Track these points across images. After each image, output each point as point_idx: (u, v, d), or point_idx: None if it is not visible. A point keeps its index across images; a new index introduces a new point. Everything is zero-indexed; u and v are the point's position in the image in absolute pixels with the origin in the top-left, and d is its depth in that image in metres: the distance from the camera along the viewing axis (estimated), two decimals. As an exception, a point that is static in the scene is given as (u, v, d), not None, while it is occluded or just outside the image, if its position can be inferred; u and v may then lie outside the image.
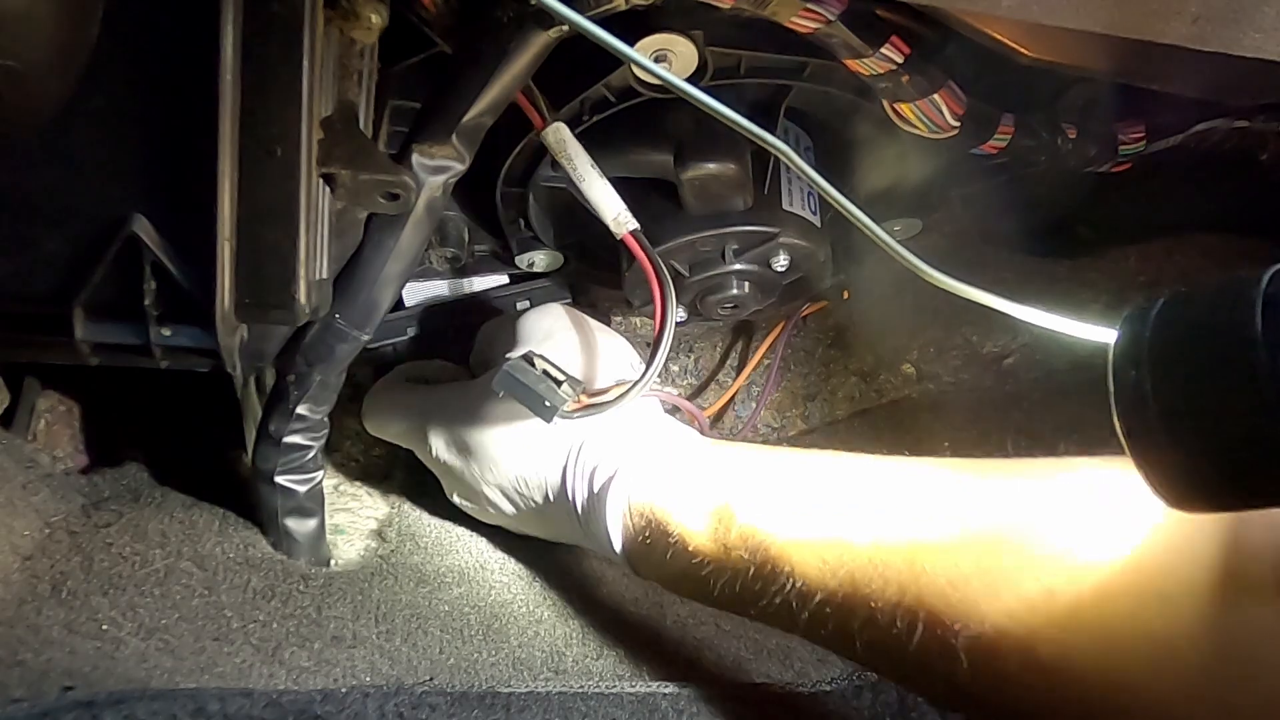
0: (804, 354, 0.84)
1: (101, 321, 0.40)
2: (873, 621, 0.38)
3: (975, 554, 0.37)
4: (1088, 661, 0.34)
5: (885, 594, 0.38)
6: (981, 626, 0.35)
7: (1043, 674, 0.35)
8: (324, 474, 0.54)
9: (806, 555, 0.41)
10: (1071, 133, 0.54)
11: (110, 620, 0.44)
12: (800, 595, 0.41)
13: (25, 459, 0.53)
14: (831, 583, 0.40)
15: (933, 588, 0.37)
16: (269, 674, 0.43)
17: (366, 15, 0.40)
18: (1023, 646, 0.35)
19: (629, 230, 0.51)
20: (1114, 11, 0.38)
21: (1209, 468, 0.25)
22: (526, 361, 0.51)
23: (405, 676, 0.46)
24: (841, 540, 0.40)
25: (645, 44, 0.48)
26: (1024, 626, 0.35)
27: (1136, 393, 0.26)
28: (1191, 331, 0.26)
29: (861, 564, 0.39)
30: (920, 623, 0.37)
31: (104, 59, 0.37)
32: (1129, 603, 0.33)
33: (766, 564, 0.42)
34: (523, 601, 0.56)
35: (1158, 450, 0.26)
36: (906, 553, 0.38)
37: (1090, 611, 0.34)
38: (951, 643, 0.36)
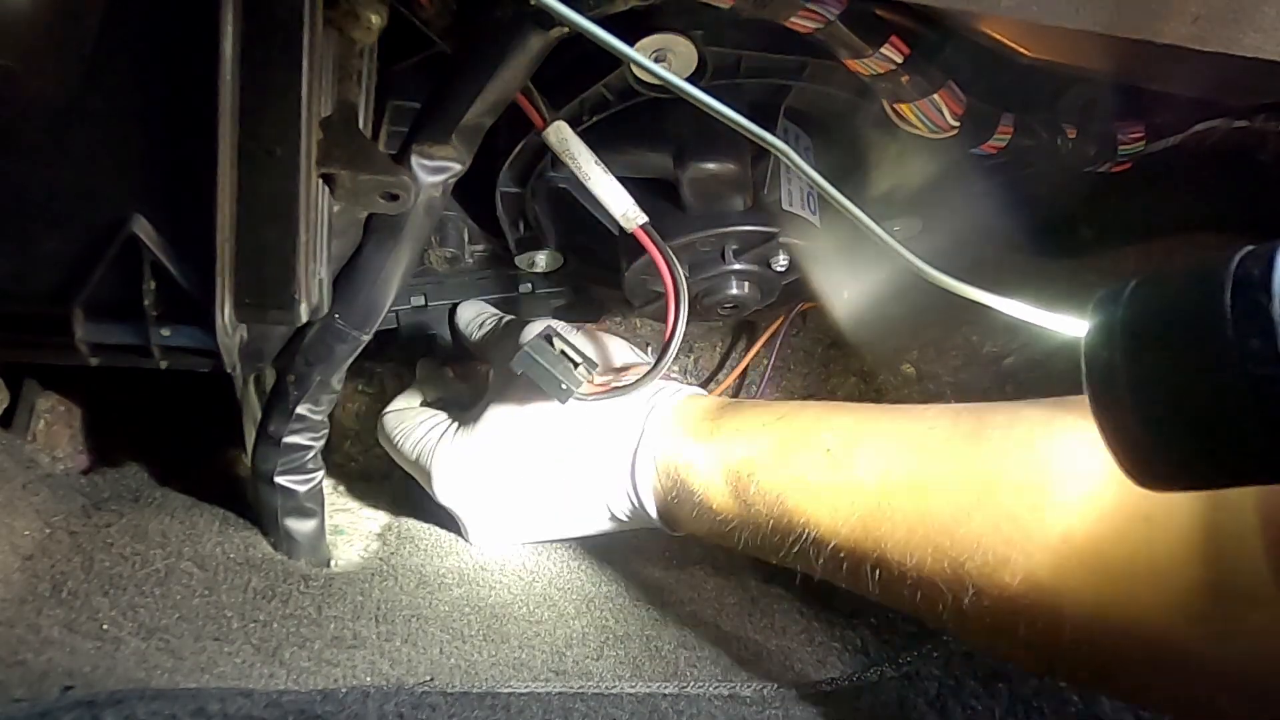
0: (804, 354, 0.84)
1: (101, 322, 0.40)
2: (884, 560, 0.41)
3: (976, 490, 0.39)
4: (1080, 582, 0.36)
5: (894, 534, 0.41)
6: (986, 556, 0.38)
7: (1040, 596, 0.37)
8: (323, 474, 0.54)
9: (819, 505, 0.44)
10: (1071, 133, 0.54)
11: (110, 620, 0.44)
12: (815, 543, 0.44)
13: (25, 459, 0.53)
14: (844, 528, 0.43)
15: (938, 523, 0.40)
16: (269, 674, 0.43)
17: (366, 15, 0.40)
18: (1022, 571, 0.37)
19: (639, 224, 0.51)
20: (1114, 11, 0.38)
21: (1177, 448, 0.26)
22: (546, 340, 0.51)
23: (405, 677, 0.46)
24: (850, 486, 0.43)
25: (645, 44, 0.48)
26: (1022, 553, 0.37)
27: (1108, 372, 0.27)
28: (1163, 312, 0.26)
29: (870, 507, 0.42)
30: (928, 558, 0.40)
31: (104, 59, 0.37)
32: (1117, 524, 0.36)
33: (784, 516, 0.45)
34: (523, 602, 0.56)
35: (1128, 430, 0.26)
36: (912, 493, 0.41)
37: (1080, 535, 0.36)
38: (958, 574, 0.39)
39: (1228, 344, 0.23)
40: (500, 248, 0.66)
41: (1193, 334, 0.24)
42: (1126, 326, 0.26)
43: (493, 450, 0.56)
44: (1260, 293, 0.23)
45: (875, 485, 0.42)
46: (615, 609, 0.58)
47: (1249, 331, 0.23)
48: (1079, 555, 0.36)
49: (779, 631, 0.57)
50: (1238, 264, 0.24)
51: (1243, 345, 0.23)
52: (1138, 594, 0.35)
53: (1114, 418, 0.27)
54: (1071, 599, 0.36)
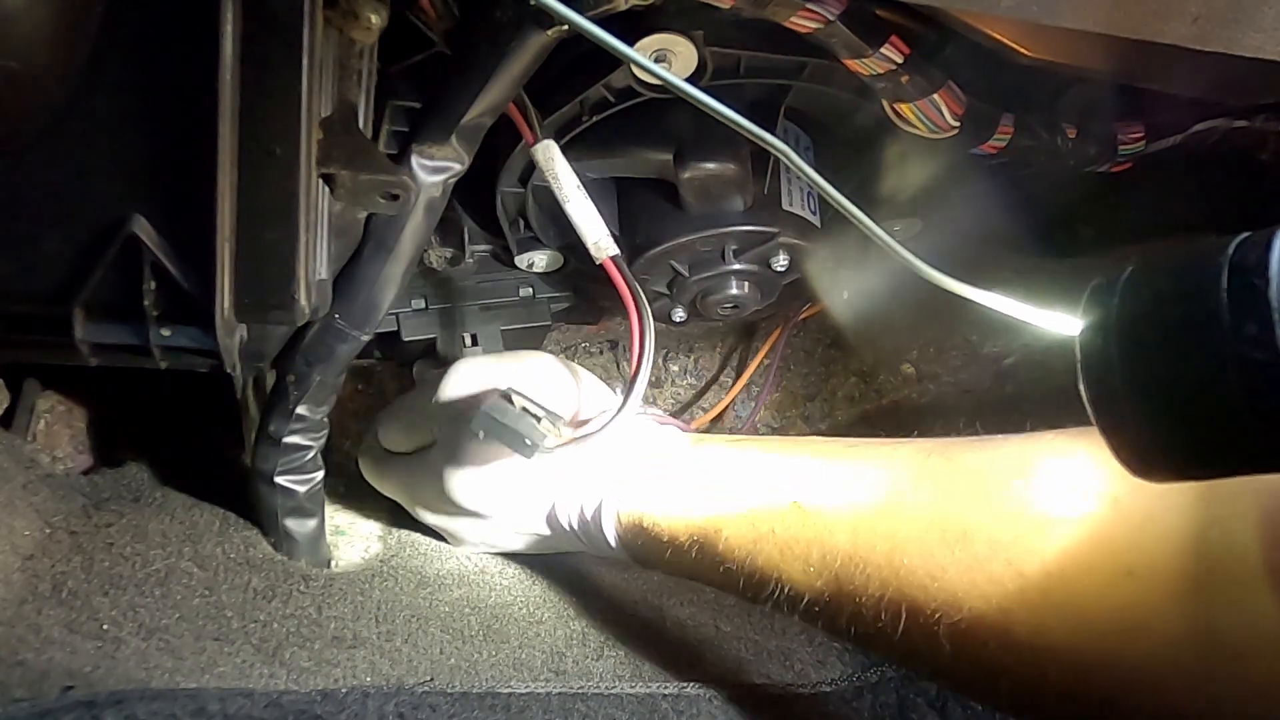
0: (804, 354, 0.85)
1: (101, 322, 0.40)
2: (859, 616, 0.40)
3: (950, 543, 0.38)
4: (1061, 640, 0.35)
5: (868, 590, 0.39)
6: (960, 613, 0.37)
7: (1020, 654, 0.36)
8: (324, 474, 0.54)
9: (790, 561, 0.43)
10: (1071, 133, 0.54)
11: (111, 620, 0.44)
12: (790, 599, 0.43)
13: (25, 459, 0.53)
14: (817, 583, 0.42)
15: (912, 580, 0.38)
16: (269, 674, 0.43)
17: (366, 15, 0.40)
18: (999, 629, 0.36)
19: (608, 255, 0.50)
20: (1114, 11, 0.38)
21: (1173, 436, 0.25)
22: (505, 399, 0.50)
23: (406, 677, 0.46)
24: (821, 541, 0.42)
25: (645, 44, 0.48)
26: (998, 610, 0.36)
27: (1102, 360, 0.26)
28: (1158, 299, 0.25)
29: (843, 563, 0.41)
30: (904, 614, 0.38)
31: (104, 59, 0.37)
32: (1098, 579, 0.34)
33: (755, 573, 0.44)
34: (523, 603, 0.56)
35: (1123, 418, 0.26)
36: (885, 549, 0.39)
37: (1060, 591, 0.35)
38: (934, 630, 0.37)
39: (1223, 329, 0.23)
40: (500, 248, 0.66)
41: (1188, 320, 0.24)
42: (1121, 314, 0.26)
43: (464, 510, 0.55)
44: (1256, 277, 0.23)
45: (846, 538, 0.41)
46: (615, 609, 0.58)
47: (1245, 316, 0.23)
48: (1060, 612, 0.35)
49: (779, 632, 0.57)
50: (1234, 249, 0.24)
51: (1238, 330, 0.23)
52: (1124, 651, 0.34)
53: (1110, 408, 0.26)
54: (1054, 656, 0.35)
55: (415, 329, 0.68)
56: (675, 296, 0.64)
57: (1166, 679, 0.33)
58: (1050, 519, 0.36)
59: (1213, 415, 0.24)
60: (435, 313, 0.68)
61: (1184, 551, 0.33)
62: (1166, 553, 0.33)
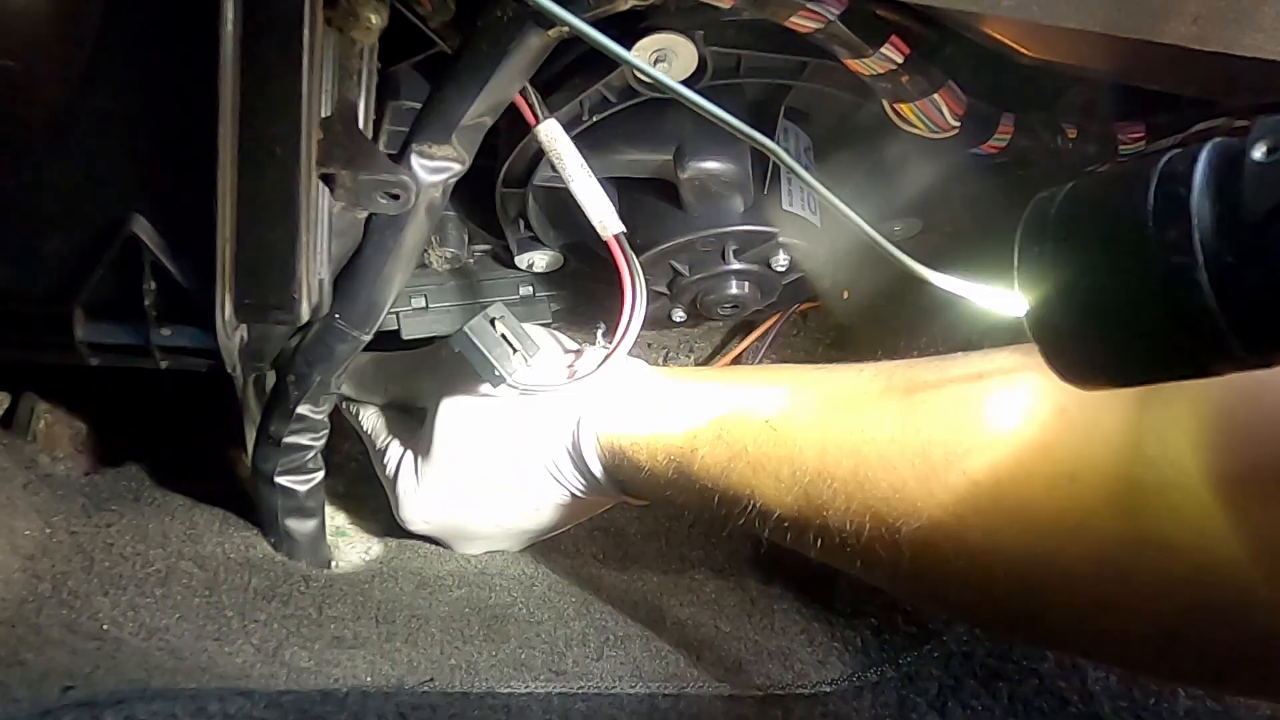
0: (804, 354, 0.84)
1: (101, 322, 0.40)
2: (825, 528, 0.42)
3: (910, 456, 0.40)
4: (1009, 542, 0.37)
5: (834, 503, 0.42)
6: (920, 521, 0.39)
7: (973, 558, 0.38)
8: (324, 474, 0.54)
9: (762, 476, 0.45)
10: (1071, 133, 0.54)
11: (111, 620, 0.44)
12: (761, 514, 0.45)
13: (25, 459, 0.53)
14: (787, 498, 0.44)
15: (876, 492, 0.40)
16: (269, 674, 0.43)
17: (366, 15, 0.40)
18: (954, 535, 0.38)
19: (614, 234, 0.51)
20: (1114, 11, 0.38)
21: (1101, 342, 0.26)
22: (489, 322, 0.51)
23: (406, 677, 0.46)
24: (791, 456, 0.44)
25: (645, 44, 0.48)
26: (954, 516, 0.38)
27: (1037, 268, 0.27)
28: (1092, 210, 0.26)
29: (812, 478, 0.43)
30: (867, 524, 0.40)
31: (104, 59, 0.37)
32: (1043, 484, 0.36)
33: (729, 490, 0.46)
34: (523, 604, 0.56)
35: (1056, 327, 0.27)
36: (850, 464, 0.41)
37: (1010, 496, 0.37)
38: (895, 539, 0.39)
39: (1148, 236, 0.24)
40: (500, 248, 0.66)
41: (1117, 227, 0.25)
42: (1058, 217, 0.27)
43: (448, 481, 0.56)
44: (1180, 185, 0.23)
45: (815, 455, 0.43)
46: (615, 610, 0.58)
47: (1167, 222, 0.23)
48: (1009, 515, 0.37)
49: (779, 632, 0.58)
50: (1165, 161, 0.24)
51: (1160, 236, 0.23)
52: (1065, 549, 0.36)
53: (1043, 314, 0.27)
54: (1003, 558, 0.37)
55: (415, 328, 0.68)
56: (675, 296, 0.64)
57: (1100, 575, 0.35)
58: (1001, 429, 0.38)
59: (1138, 320, 0.24)
60: (435, 311, 0.68)
61: (1123, 457, 0.34)
62: (1107, 458, 0.35)
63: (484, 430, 0.55)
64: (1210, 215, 0.23)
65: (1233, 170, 0.23)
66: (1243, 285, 0.22)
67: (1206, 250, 0.23)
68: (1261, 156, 0.22)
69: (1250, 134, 0.23)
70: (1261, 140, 0.23)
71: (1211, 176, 0.23)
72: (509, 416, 0.55)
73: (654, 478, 0.50)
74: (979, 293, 0.35)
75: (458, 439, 0.56)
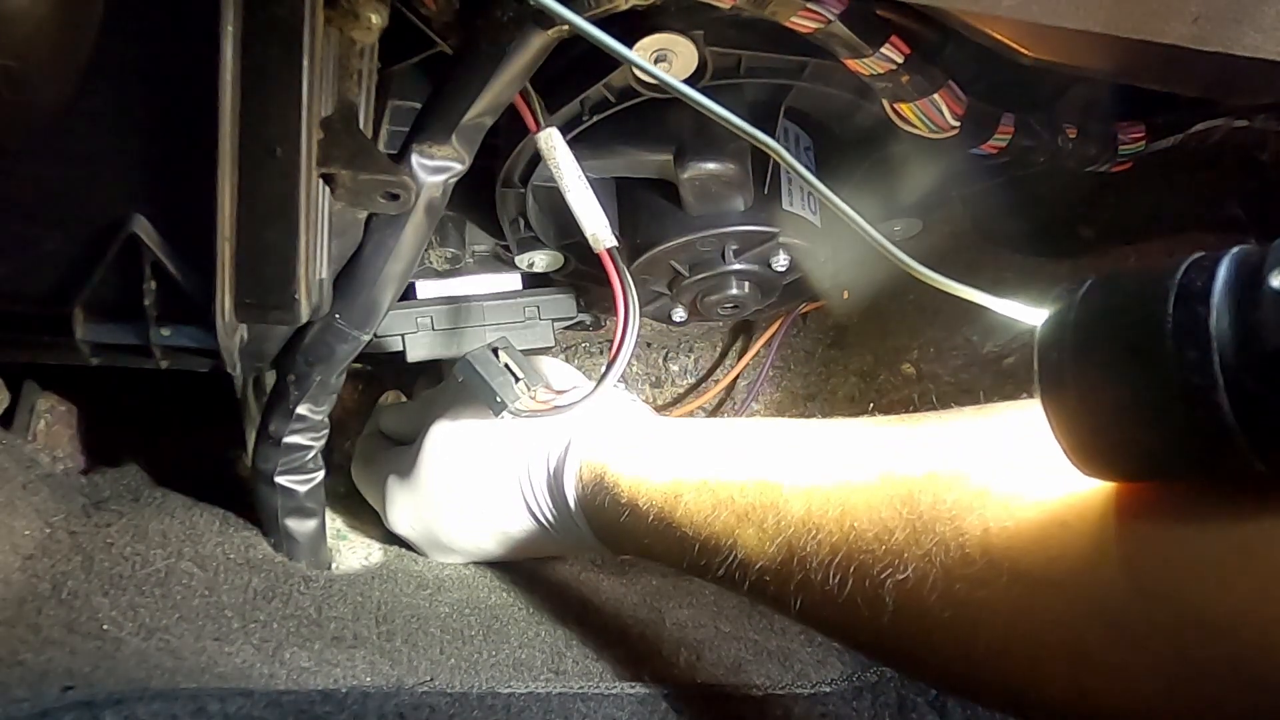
0: (804, 354, 0.85)
1: (101, 322, 0.40)
2: (807, 582, 0.41)
3: (898, 505, 0.39)
4: (997, 594, 0.35)
5: (819, 554, 0.40)
6: (905, 572, 0.37)
7: (958, 610, 0.36)
8: (324, 474, 0.54)
9: (745, 525, 0.44)
10: (1072, 133, 0.54)
11: (111, 620, 0.44)
12: (742, 565, 0.44)
13: (25, 459, 0.53)
14: (769, 548, 0.42)
15: (861, 543, 0.39)
16: (269, 674, 0.43)
17: (366, 15, 0.40)
18: (940, 585, 0.37)
19: (606, 247, 0.51)
20: (1114, 11, 0.38)
21: (1115, 446, 0.27)
22: (491, 352, 0.52)
23: (405, 677, 0.46)
24: (777, 506, 0.43)
25: (645, 44, 0.48)
26: (940, 567, 0.36)
27: (1057, 373, 0.28)
28: (1111, 317, 0.27)
29: (796, 528, 0.41)
30: (850, 576, 0.39)
31: (104, 59, 0.37)
32: (1033, 533, 0.35)
33: (711, 538, 0.45)
34: (522, 604, 0.56)
35: (1072, 421, 0.28)
36: (836, 514, 0.40)
37: (998, 547, 0.35)
38: (879, 593, 0.38)
39: (1167, 353, 0.24)
40: (500, 248, 0.66)
41: (1136, 339, 0.25)
42: (1077, 325, 0.27)
43: (432, 488, 0.57)
44: (1199, 305, 0.24)
45: (801, 505, 0.42)
46: (615, 609, 0.58)
47: (1186, 343, 0.24)
48: (996, 567, 0.35)
49: (778, 632, 0.57)
50: (1183, 273, 0.25)
51: (1180, 355, 0.24)
52: (1052, 601, 0.34)
53: (1060, 409, 0.28)
54: (988, 611, 0.36)
55: (420, 350, 0.68)
56: (675, 296, 0.64)
57: (1095, 630, 0.34)
58: (993, 482, 0.37)
59: (1157, 433, 0.25)
60: (440, 334, 0.69)
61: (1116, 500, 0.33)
62: (1100, 502, 0.34)
63: (469, 447, 0.56)
64: (1230, 339, 0.23)
65: (1252, 293, 0.23)
66: (1263, 410, 0.23)
67: (1227, 374, 0.23)
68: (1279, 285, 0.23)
69: (1269, 258, 0.23)
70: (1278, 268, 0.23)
71: (1230, 299, 0.23)
72: (496, 437, 0.55)
73: (633, 524, 0.49)
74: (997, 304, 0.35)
75: (442, 464, 0.56)
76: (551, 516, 0.55)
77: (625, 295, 0.51)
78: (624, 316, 0.51)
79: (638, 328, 0.51)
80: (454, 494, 0.57)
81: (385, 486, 0.60)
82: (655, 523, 0.48)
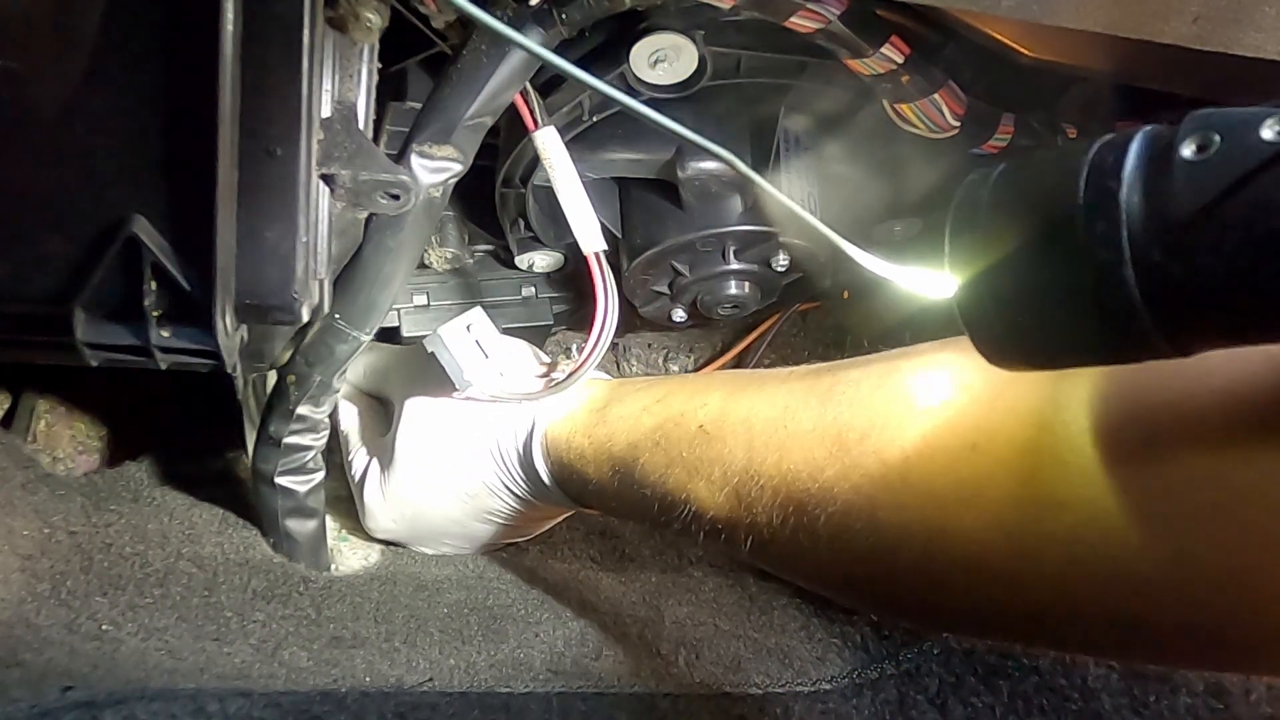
0: (804, 354, 0.84)
1: (101, 322, 0.40)
2: (754, 526, 0.43)
3: (827, 443, 0.41)
4: (914, 516, 0.38)
5: (762, 499, 0.43)
6: (835, 504, 0.40)
7: (881, 535, 0.39)
8: (324, 474, 0.54)
9: (696, 479, 0.46)
10: (1072, 133, 0.54)
11: (110, 620, 0.44)
12: (696, 517, 0.46)
13: (25, 459, 0.53)
14: (719, 498, 0.45)
15: (798, 483, 0.41)
16: (268, 674, 0.43)
17: (366, 15, 0.40)
18: (865, 514, 0.39)
19: (593, 250, 0.51)
20: (1114, 11, 0.38)
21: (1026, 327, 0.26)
22: (464, 328, 0.53)
23: (405, 677, 0.46)
24: (722, 458, 0.45)
25: (645, 44, 0.48)
26: (865, 496, 0.39)
27: (968, 251, 0.27)
28: (1022, 196, 0.26)
29: (740, 476, 0.44)
30: (790, 516, 0.41)
31: (104, 59, 0.37)
32: (946, 457, 0.37)
33: (666, 495, 0.47)
34: (522, 604, 0.56)
35: (983, 309, 0.27)
36: (774, 459, 0.43)
37: (915, 472, 0.38)
38: (814, 528, 0.40)
39: (1076, 227, 0.24)
40: (501, 248, 0.66)
41: (1046, 216, 0.25)
42: (989, 204, 0.27)
43: (408, 490, 0.57)
44: (1111, 179, 0.23)
45: (743, 454, 0.44)
46: (614, 609, 0.58)
47: (1096, 217, 0.23)
48: (913, 491, 0.38)
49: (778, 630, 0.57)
50: (1095, 151, 0.24)
51: (1089, 230, 0.23)
52: (962, 518, 0.36)
53: (971, 296, 0.27)
54: (906, 533, 0.38)
55: (416, 325, 0.68)
56: (675, 296, 0.64)
57: (993, 541, 0.36)
58: (910, 409, 0.39)
59: (1063, 310, 0.25)
60: (437, 309, 0.68)
61: (1022, 424, 0.35)
62: (1008, 427, 0.36)
63: (443, 436, 0.56)
64: (1139, 212, 0.23)
65: (1162, 166, 0.23)
66: (1168, 283, 0.22)
67: (1134, 247, 0.23)
68: (1191, 155, 0.22)
69: (1180, 128, 0.23)
70: (1190, 137, 0.23)
71: (1141, 172, 0.23)
72: (468, 423, 0.56)
73: (600, 488, 0.51)
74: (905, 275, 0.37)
75: (419, 448, 0.57)
76: (529, 488, 0.56)
77: (605, 296, 0.52)
78: (601, 317, 0.52)
79: (613, 331, 0.52)
80: (436, 494, 0.57)
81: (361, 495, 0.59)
82: (621, 487, 0.50)
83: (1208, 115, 0.23)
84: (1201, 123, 0.23)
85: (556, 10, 0.43)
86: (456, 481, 0.57)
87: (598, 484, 0.51)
